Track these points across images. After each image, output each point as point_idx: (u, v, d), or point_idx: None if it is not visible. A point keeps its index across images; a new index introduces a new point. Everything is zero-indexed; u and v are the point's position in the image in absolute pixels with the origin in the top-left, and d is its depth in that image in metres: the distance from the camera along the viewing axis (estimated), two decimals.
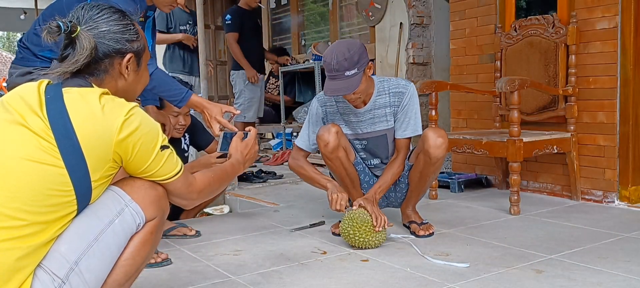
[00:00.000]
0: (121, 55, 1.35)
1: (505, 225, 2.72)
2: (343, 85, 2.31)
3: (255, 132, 1.79)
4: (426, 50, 4.68)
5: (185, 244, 2.51)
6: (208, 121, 2.30)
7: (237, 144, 1.73)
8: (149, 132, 1.28)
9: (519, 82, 2.93)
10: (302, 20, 6.81)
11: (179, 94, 2.29)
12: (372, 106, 2.49)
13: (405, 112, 2.48)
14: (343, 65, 2.28)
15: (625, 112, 3.07)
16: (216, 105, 2.30)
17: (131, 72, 1.38)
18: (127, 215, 1.30)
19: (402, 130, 2.50)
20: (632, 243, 2.34)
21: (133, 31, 1.37)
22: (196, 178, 1.44)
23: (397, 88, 2.50)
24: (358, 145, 2.58)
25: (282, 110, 5.56)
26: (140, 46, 1.40)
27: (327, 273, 2.06)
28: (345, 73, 2.29)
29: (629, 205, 3.06)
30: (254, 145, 1.76)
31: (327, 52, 2.36)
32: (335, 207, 2.39)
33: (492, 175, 3.76)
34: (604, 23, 3.09)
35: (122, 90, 1.38)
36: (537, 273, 1.99)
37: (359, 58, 2.31)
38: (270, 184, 4.14)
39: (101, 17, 1.33)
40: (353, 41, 2.40)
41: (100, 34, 1.31)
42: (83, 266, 1.22)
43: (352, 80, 2.30)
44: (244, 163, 1.72)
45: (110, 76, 1.35)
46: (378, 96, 2.49)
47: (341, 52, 2.30)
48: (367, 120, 2.51)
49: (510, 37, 3.51)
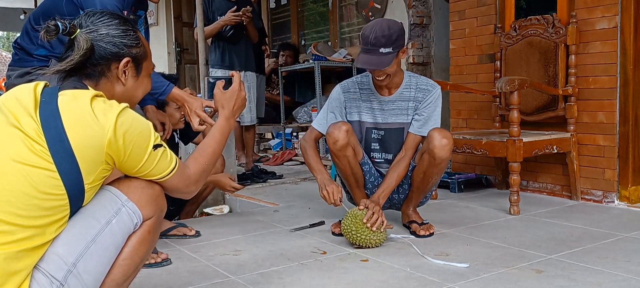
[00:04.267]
0: (118, 58, 1.35)
1: (505, 225, 2.72)
2: (376, 60, 2.34)
3: (239, 76, 1.64)
4: (426, 50, 4.68)
5: (185, 244, 2.51)
6: (188, 115, 2.29)
7: (219, 96, 1.60)
8: (141, 132, 1.28)
9: (518, 82, 2.93)
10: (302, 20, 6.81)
11: (160, 87, 2.30)
12: (397, 97, 2.50)
13: (427, 109, 2.50)
14: (380, 41, 2.32)
15: (625, 112, 3.06)
16: (197, 99, 2.30)
17: (129, 78, 1.39)
18: (124, 215, 1.30)
19: (419, 127, 2.50)
20: (631, 244, 2.34)
21: (133, 37, 1.38)
22: (190, 167, 1.42)
23: (425, 85, 2.53)
24: (375, 134, 2.57)
25: (282, 110, 5.56)
26: (140, 52, 1.40)
27: (327, 273, 2.06)
28: (380, 49, 2.33)
29: (629, 205, 3.06)
30: (240, 91, 1.61)
31: (367, 25, 2.41)
32: (330, 200, 2.39)
33: (492, 175, 3.76)
34: (604, 23, 3.08)
35: (120, 94, 1.38)
36: (537, 273, 1.99)
37: (397, 38, 2.35)
38: (270, 184, 4.13)
39: (101, 21, 1.35)
40: (394, 21, 2.44)
41: (98, 37, 1.33)
42: (81, 267, 1.22)
43: (385, 57, 2.34)
44: (233, 116, 1.60)
45: (106, 79, 1.36)
46: (405, 88, 2.52)
47: (381, 28, 2.34)
48: (389, 110, 2.52)
49: (510, 37, 3.51)
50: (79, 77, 1.33)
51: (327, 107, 2.63)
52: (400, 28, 2.40)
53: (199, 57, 3.93)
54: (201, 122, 2.29)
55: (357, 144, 2.53)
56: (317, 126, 2.62)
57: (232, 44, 4.31)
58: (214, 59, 4.35)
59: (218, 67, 4.32)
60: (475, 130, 3.75)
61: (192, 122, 2.30)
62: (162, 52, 7.56)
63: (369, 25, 2.40)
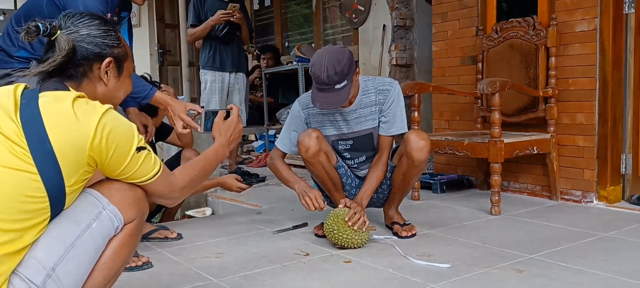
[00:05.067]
0: (100, 59, 1.35)
1: (487, 226, 2.74)
2: (334, 99, 2.28)
3: (237, 109, 1.71)
4: (409, 52, 4.70)
5: (167, 247, 2.49)
6: (171, 118, 2.28)
7: (219, 125, 1.65)
8: (124, 134, 1.26)
9: (500, 83, 2.96)
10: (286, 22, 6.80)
11: (143, 91, 2.29)
12: (357, 105, 2.49)
13: (391, 110, 2.48)
14: (333, 79, 2.25)
15: (604, 113, 3.11)
16: (180, 103, 2.29)
17: (111, 78, 1.39)
18: (105, 218, 1.28)
19: (387, 128, 2.50)
20: (610, 243, 2.37)
21: (114, 37, 1.38)
22: (176, 175, 1.41)
23: (382, 86, 2.50)
24: (342, 146, 2.57)
25: (266, 112, 5.55)
26: (121, 53, 1.40)
27: (310, 274, 2.06)
28: (335, 86, 2.27)
29: (607, 205, 3.11)
30: (238, 123, 1.68)
31: (316, 62, 2.29)
32: (312, 207, 2.39)
33: (473, 176, 3.79)
34: (584, 25, 3.13)
35: (102, 95, 1.37)
36: (517, 273, 2.01)
37: (348, 69, 2.28)
38: (253, 186, 4.12)
39: (82, 22, 1.34)
40: (341, 50, 2.33)
41: (80, 38, 1.32)
42: (60, 272, 1.20)
43: (342, 92, 2.28)
44: (228, 145, 1.64)
45: (88, 80, 1.35)
46: (363, 95, 2.49)
47: (332, 65, 2.24)
48: (353, 120, 2.51)
49: (492, 40, 3.55)
50: (60, 79, 1.32)
51: (289, 125, 2.59)
52: (348, 56, 2.29)
53: (182, 58, 3.91)
54: (185, 126, 2.27)
55: (329, 148, 2.52)
56: (280, 146, 2.60)
57: (224, 45, 4.24)
58: (204, 59, 4.25)
59: (208, 68, 4.23)
60: (457, 131, 3.78)
61: (175, 125, 2.29)
62: (144, 54, 7.50)
63: (317, 62, 2.27)
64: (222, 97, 4.20)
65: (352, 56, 2.34)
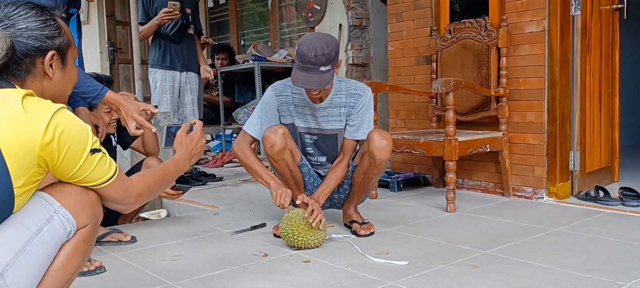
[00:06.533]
0: (42, 53, 1.26)
1: (443, 223, 2.79)
2: (316, 80, 2.29)
3: (201, 124, 1.71)
4: (365, 51, 4.74)
5: (121, 251, 2.43)
6: (124, 119, 2.21)
7: (182, 138, 1.64)
8: (77, 135, 1.21)
9: (453, 83, 3.02)
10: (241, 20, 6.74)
11: (93, 91, 2.20)
12: (328, 104, 2.49)
13: (359, 114, 2.50)
14: (320, 60, 2.26)
15: (552, 112, 3.22)
16: (133, 103, 2.22)
17: (57, 71, 1.30)
18: (56, 223, 1.23)
19: (352, 132, 2.52)
20: (560, 238, 2.46)
21: (54, 27, 1.28)
22: (133, 181, 1.37)
23: (355, 90, 2.51)
24: (308, 139, 2.57)
25: (222, 111, 5.48)
26: (64, 42, 1.31)
27: (269, 275, 2.04)
28: (320, 68, 2.28)
29: (557, 200, 3.21)
30: (201, 138, 1.67)
31: (304, 42, 2.31)
32: (278, 202, 2.38)
33: (429, 174, 3.85)
34: (533, 26, 3.23)
35: (49, 90, 1.30)
36: (472, 268, 2.05)
37: (335, 55, 2.32)
38: (210, 187, 4.06)
39: (17, 14, 1.24)
40: (330, 36, 2.38)
41: (17, 33, 1.22)
42: (9, 278, 1.15)
43: (325, 76, 2.30)
44: (190, 159, 1.63)
45: (33, 76, 1.26)
46: (335, 95, 2.50)
47: (320, 46, 2.27)
48: (321, 117, 2.51)
49: (445, 40, 3.61)
50: (4, 78, 1.24)
51: (260, 110, 2.57)
52: (336, 44, 2.35)
53: (134, 56, 3.82)
54: (138, 126, 2.21)
55: (295, 146, 2.53)
56: (250, 130, 2.57)
57: (175, 43, 4.11)
58: (154, 58, 4.11)
59: (158, 67, 4.09)
60: (413, 130, 3.83)
61: (128, 126, 2.21)
62: (93, 52, 7.28)
63: (306, 41, 2.31)
64: (173, 97, 4.09)
65: (339, 46, 2.37)
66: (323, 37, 2.33)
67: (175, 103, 4.12)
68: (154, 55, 4.11)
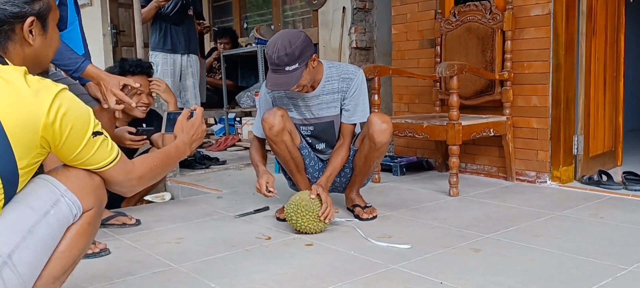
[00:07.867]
0: (21, 19, 1.23)
1: (445, 207, 2.80)
2: (284, 80, 2.29)
3: (202, 110, 1.72)
4: (369, 35, 4.71)
5: (125, 233, 2.44)
6: (104, 94, 2.19)
7: (182, 124, 1.65)
8: (79, 116, 1.21)
9: (457, 67, 3.00)
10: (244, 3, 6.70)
11: (74, 64, 2.18)
12: (320, 91, 2.48)
13: (353, 98, 2.49)
14: (283, 60, 2.26)
15: (557, 96, 3.20)
16: (113, 77, 2.21)
17: (37, 37, 1.28)
18: (62, 206, 1.24)
19: (349, 116, 2.51)
20: (563, 221, 2.46)
21: None
22: (135, 164, 1.38)
23: (346, 74, 2.50)
24: (304, 131, 2.58)
25: (225, 95, 5.47)
26: (43, 7, 1.28)
27: (272, 258, 2.06)
28: (285, 68, 2.27)
29: (560, 185, 3.21)
30: (201, 124, 1.68)
31: (269, 44, 2.32)
32: (260, 191, 2.43)
33: (432, 158, 3.85)
34: (538, 10, 3.20)
35: (31, 56, 1.28)
36: (475, 252, 2.06)
37: (300, 53, 2.27)
38: (213, 170, 4.08)
39: None
40: (297, 33, 2.34)
41: None
42: (16, 259, 1.16)
43: (292, 75, 2.28)
44: (190, 144, 1.65)
45: (13, 43, 1.24)
46: (326, 82, 2.49)
47: (283, 46, 2.25)
48: (314, 105, 2.50)
49: (450, 23, 3.59)
50: None
51: (259, 111, 2.62)
52: (302, 40, 2.29)
53: (137, 39, 3.80)
54: (118, 101, 2.19)
55: (294, 128, 2.53)
56: (255, 132, 2.64)
57: (176, 25, 4.10)
58: (155, 41, 4.12)
59: (159, 51, 4.09)
60: (416, 114, 3.83)
61: (108, 101, 2.19)
62: (96, 34, 7.24)
63: (271, 43, 2.30)
64: (174, 81, 4.08)
65: (308, 41, 2.33)
66: (288, 36, 2.30)
67: (177, 87, 4.11)
68: (155, 39, 4.11)
